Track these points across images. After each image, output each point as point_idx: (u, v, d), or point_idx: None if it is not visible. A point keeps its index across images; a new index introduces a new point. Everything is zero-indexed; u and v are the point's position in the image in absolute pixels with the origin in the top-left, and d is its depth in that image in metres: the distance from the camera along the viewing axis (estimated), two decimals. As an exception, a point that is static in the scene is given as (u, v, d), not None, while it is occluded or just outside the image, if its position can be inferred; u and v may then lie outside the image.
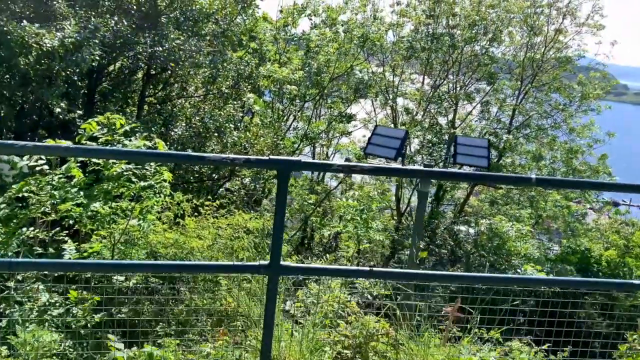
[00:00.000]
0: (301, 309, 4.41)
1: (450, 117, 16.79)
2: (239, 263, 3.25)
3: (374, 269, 3.32)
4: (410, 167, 8.75)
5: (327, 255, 5.80)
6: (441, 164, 14.41)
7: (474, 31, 16.32)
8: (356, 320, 3.89)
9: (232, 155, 3.03)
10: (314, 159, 17.92)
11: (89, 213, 5.07)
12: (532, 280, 4.90)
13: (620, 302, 11.83)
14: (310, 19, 15.31)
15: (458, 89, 16.78)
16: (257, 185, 11.89)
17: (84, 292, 4.92)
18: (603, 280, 4.57)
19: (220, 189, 13.22)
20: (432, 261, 13.81)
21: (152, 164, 5.09)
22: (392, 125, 15.57)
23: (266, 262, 3.16)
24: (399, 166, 6.86)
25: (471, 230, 13.78)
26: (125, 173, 4.89)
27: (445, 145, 15.83)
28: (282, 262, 3.15)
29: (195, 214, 6.89)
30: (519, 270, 10.55)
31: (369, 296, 5.71)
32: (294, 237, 13.44)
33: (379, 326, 3.82)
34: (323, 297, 4.36)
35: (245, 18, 13.98)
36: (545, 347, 7.28)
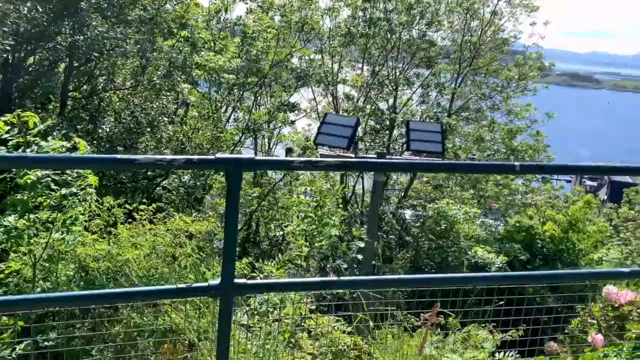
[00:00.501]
0: (258, 323, 3.93)
1: (391, 102, 16.64)
2: (184, 286, 2.71)
3: (342, 278, 2.90)
4: (394, 159, 8.41)
5: (280, 255, 5.36)
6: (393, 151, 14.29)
7: (411, 15, 16.18)
8: (324, 335, 3.44)
9: (169, 156, 2.48)
10: (256, 151, 17.33)
11: (2, 229, 4.34)
12: (503, 277, 4.57)
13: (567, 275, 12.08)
14: (246, 3, 14.65)
15: (398, 74, 16.62)
16: (198, 182, 11.19)
17: (4, 318, 4.23)
18: (594, 271, 4.32)
19: (158, 188, 12.40)
20: (381, 245, 13.65)
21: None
22: (335, 113, 15.25)
23: (217, 282, 2.65)
24: (353, 156, 6.48)
25: (418, 215, 13.67)
26: (42, 180, 4.19)
27: (387, 132, 15.67)
28: (236, 280, 2.65)
29: (130, 220, 6.21)
30: (469, 253, 10.51)
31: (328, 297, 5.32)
32: (239, 233, 12.87)
33: (349, 341, 3.39)
34: (282, 309, 3.91)
35: (175, 3, 13.09)
36: (500, 337, 7.10)
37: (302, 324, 3.73)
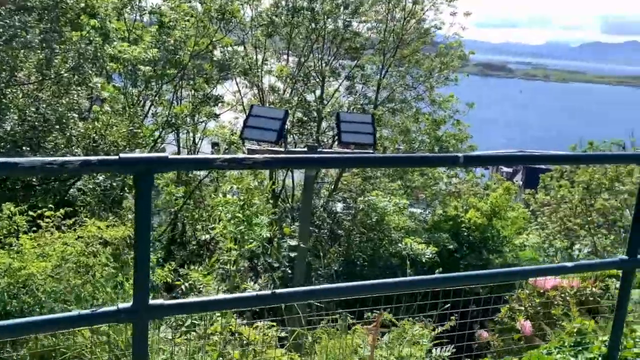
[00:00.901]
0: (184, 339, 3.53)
1: (319, 93, 16.42)
2: (88, 312, 2.28)
3: (277, 291, 2.57)
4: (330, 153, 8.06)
5: (209, 257, 4.96)
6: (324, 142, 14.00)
7: (334, 4, 15.99)
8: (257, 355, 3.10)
9: (61, 158, 2.03)
10: (179, 147, 16.54)
11: None
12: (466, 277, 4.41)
13: (492, 262, 12.38)
14: (163, -11, 13.83)
15: (324, 65, 16.41)
16: (114, 183, 10.42)
17: None
18: (538, 267, 4.21)
19: (72, 190, 11.47)
20: (313, 240, 13.45)
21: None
22: (261, 105, 14.80)
23: (128, 305, 2.25)
24: (282, 150, 6.13)
25: (349, 208, 13.56)
26: None
27: (316, 123, 15.44)
28: (150, 302, 2.26)
29: (35, 228, 5.55)
30: (400, 246, 10.51)
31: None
32: (164, 236, 12.21)
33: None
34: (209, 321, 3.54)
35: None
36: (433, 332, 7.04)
37: (233, 339, 3.39)
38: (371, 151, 6.84)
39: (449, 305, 7.81)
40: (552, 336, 6.49)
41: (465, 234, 13.37)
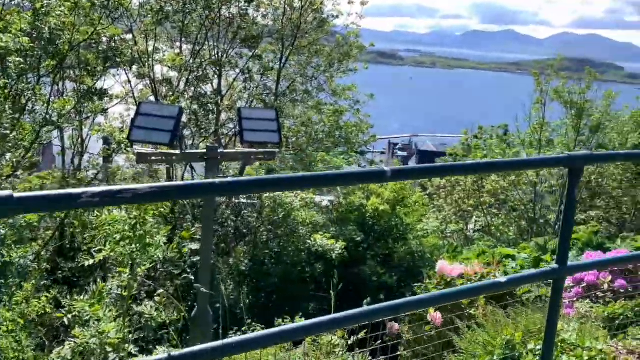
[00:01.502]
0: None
1: (216, 84, 15.64)
2: None
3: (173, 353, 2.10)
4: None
5: (95, 285, 4.30)
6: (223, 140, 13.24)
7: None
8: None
9: None
10: (63, 147, 15.04)
11: None
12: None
13: (398, 250, 12.51)
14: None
15: (220, 54, 15.63)
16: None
17: None
18: (470, 287, 3.99)
19: None
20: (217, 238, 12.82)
21: None
22: (154, 99, 13.76)
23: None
24: (177, 152, 5.51)
25: (254, 204, 13.06)
26: None
27: (215, 117, 14.70)
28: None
29: None
30: (309, 242, 10.24)
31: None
32: (49, 246, 10.99)
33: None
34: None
35: None
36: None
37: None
38: (277, 150, 6.43)
39: (355, 294, 7.55)
40: (464, 328, 6.50)
41: (371, 223, 13.41)
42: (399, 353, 8.12)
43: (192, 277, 9.51)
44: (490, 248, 15.47)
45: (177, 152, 5.51)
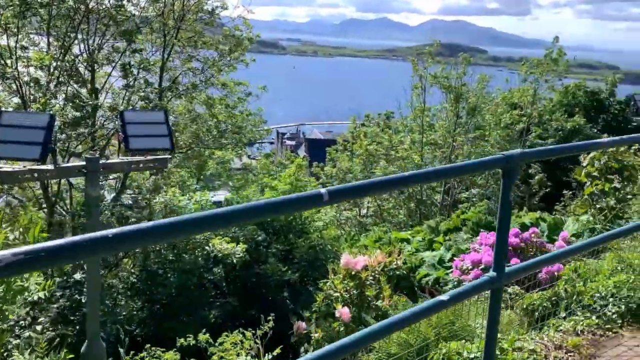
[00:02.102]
0: None
1: (91, 84, 14.31)
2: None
3: None
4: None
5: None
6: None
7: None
8: None
9: None
10: None
11: None
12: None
13: (299, 245, 12.34)
14: None
15: (94, 50, 14.31)
16: None
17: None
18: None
19: None
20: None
21: None
22: (22, 104, 12.17)
23: None
24: (51, 168, 4.76)
25: (142, 210, 12.18)
26: None
27: (91, 121, 13.45)
28: None
29: None
30: (207, 248, 9.69)
31: None
32: None
33: None
34: None
35: None
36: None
37: None
38: (169, 157, 5.86)
39: (257, 293, 7.28)
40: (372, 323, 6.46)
41: (269, 220, 13.10)
42: (308, 355, 7.91)
43: (79, 298, 8.63)
44: (385, 233, 15.86)
45: (51, 167, 4.79)
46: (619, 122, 29.07)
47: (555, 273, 8.24)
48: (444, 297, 2.53)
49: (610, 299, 3.67)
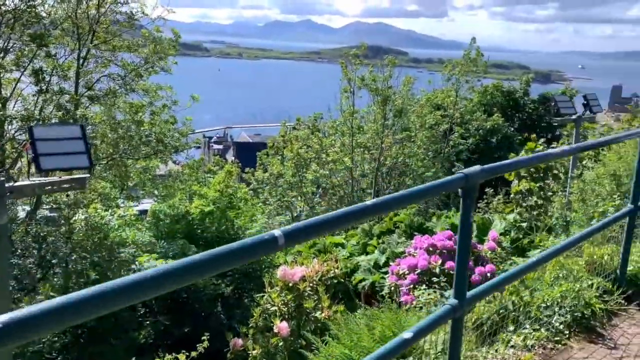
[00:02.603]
0: None
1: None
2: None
3: None
4: None
5: None
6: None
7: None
8: None
9: None
10: None
11: None
12: None
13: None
14: None
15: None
16: None
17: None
18: None
19: None
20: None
21: None
22: None
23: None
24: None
25: (61, 226, 11.29)
26: None
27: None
28: None
29: None
30: (134, 266, 9.07)
31: None
32: None
33: None
34: None
35: None
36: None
37: None
38: (87, 176, 5.32)
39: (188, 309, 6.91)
40: (315, 340, 6.24)
41: (199, 231, 12.58)
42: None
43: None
44: (320, 238, 15.72)
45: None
46: (533, 120, 30.69)
47: (488, 274, 8.40)
48: (406, 334, 2.33)
49: (557, 309, 3.65)
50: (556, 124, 11.86)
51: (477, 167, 2.55)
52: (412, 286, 8.18)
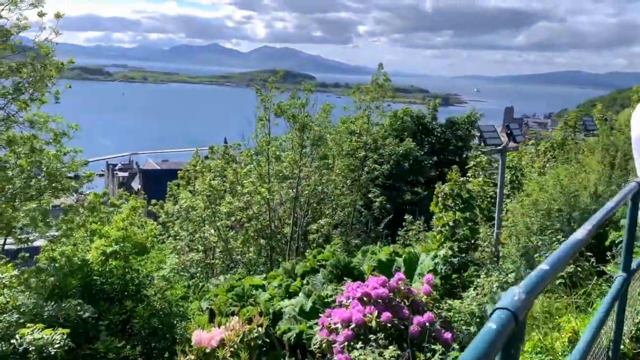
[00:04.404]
0: None
1: None
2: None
3: None
4: None
5: None
6: None
7: None
8: None
9: None
10: None
11: None
12: None
13: (139, 312, 10.44)
14: None
15: None
16: None
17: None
18: None
19: None
20: None
21: None
22: None
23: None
24: None
25: None
26: None
27: None
28: None
29: None
30: (14, 341, 7.44)
31: None
32: None
33: None
34: None
35: None
36: None
37: None
38: None
39: None
40: None
41: (99, 283, 10.95)
42: None
43: None
44: (239, 279, 14.50)
45: None
46: (441, 143, 31.44)
47: (427, 324, 7.71)
48: None
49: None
50: (483, 154, 11.66)
51: None
52: (346, 343, 7.32)
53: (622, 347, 3.44)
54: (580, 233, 1.96)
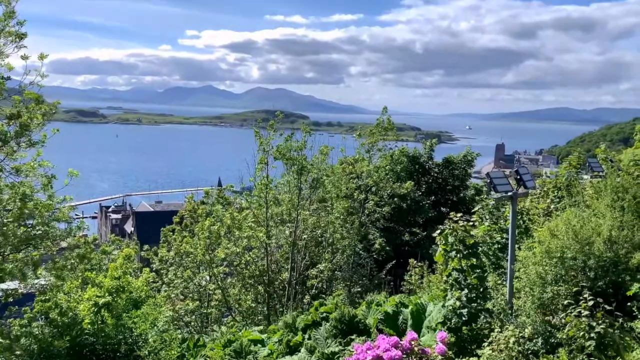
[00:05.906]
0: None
1: None
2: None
3: None
4: None
5: None
6: None
7: None
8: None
9: None
10: None
11: None
12: None
13: None
14: None
15: None
16: None
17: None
18: None
19: None
20: None
21: None
22: None
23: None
24: None
25: None
26: None
27: None
28: None
29: None
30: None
31: None
32: None
33: None
34: None
35: None
36: None
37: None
38: None
39: None
40: None
41: (89, 342, 10.33)
42: None
43: None
44: (236, 334, 13.78)
45: None
46: (439, 183, 31.11)
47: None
48: None
49: None
50: (493, 201, 11.26)
51: None
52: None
53: None
54: None
